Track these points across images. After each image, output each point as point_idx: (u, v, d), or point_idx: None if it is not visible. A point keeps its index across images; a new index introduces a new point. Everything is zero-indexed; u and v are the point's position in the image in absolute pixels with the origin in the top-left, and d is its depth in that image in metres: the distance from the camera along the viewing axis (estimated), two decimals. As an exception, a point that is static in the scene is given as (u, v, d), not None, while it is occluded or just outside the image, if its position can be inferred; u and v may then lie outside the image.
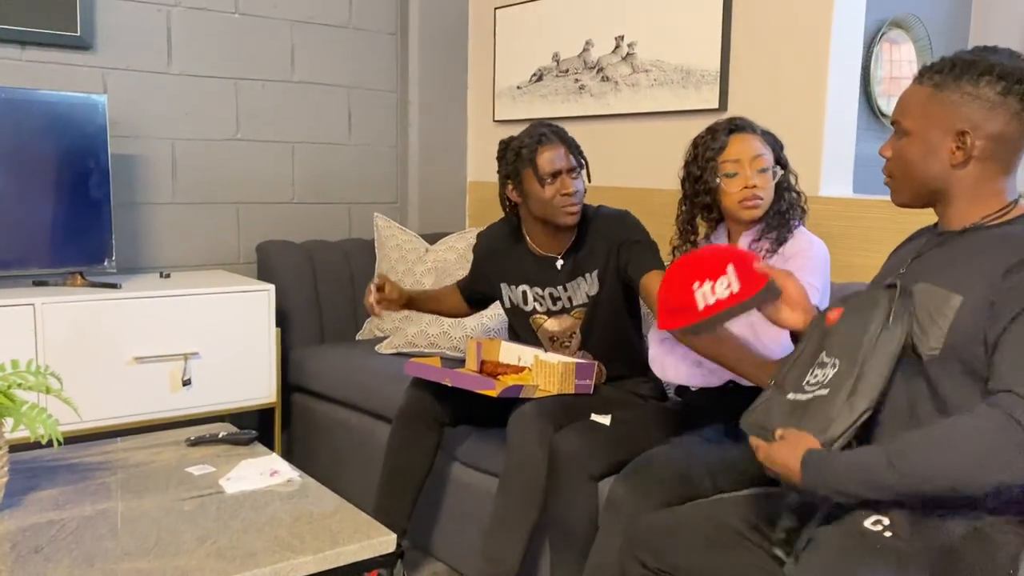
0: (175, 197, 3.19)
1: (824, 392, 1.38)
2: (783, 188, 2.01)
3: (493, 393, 2.04)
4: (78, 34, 2.90)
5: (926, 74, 1.40)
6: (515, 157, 2.20)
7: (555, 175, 2.16)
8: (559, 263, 2.29)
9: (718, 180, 1.98)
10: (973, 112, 1.34)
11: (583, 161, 2.24)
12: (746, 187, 1.95)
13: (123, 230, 3.05)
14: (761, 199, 1.97)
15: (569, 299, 2.29)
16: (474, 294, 2.51)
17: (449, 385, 2.12)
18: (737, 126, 2.01)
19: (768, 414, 1.43)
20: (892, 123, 1.46)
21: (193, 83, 3.18)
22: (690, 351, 1.92)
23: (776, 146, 2.04)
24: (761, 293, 1.49)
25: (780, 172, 2.01)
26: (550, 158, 2.16)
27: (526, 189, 2.21)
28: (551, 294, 2.31)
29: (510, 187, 2.26)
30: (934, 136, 1.37)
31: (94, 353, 2.61)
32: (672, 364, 2.08)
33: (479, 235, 2.50)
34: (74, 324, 2.57)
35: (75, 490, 1.77)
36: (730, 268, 1.50)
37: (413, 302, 2.44)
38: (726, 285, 1.48)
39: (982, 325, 1.27)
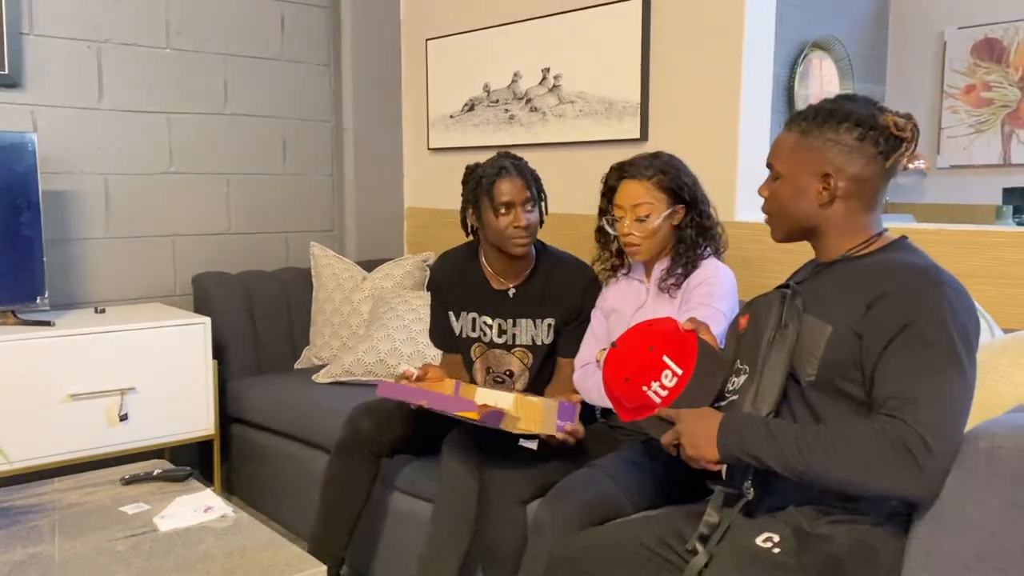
0: (109, 232, 3.20)
1: (735, 398, 1.51)
2: (685, 224, 2.11)
3: (475, 415, 1.94)
4: (5, 72, 2.91)
5: (794, 121, 1.54)
6: (475, 185, 2.29)
7: (509, 206, 2.24)
8: (511, 292, 2.37)
9: (604, 223, 2.11)
10: (835, 156, 1.47)
11: (541, 195, 2.33)
12: (623, 233, 2.09)
13: (57, 266, 3.05)
14: (637, 245, 2.08)
15: (514, 336, 2.37)
16: (448, 338, 2.46)
17: (425, 407, 2.00)
18: (626, 173, 2.12)
19: None
20: (767, 165, 1.57)
21: (125, 118, 3.20)
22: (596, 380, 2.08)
23: (676, 185, 2.09)
24: (699, 364, 1.57)
25: (667, 214, 2.08)
26: (506, 189, 2.24)
27: (483, 216, 2.29)
28: (500, 325, 2.38)
29: (470, 212, 2.34)
30: (802, 178, 1.51)
31: (28, 392, 2.61)
32: (595, 387, 2.17)
33: (432, 268, 2.53)
34: (7, 363, 2.57)
35: (7, 534, 1.79)
36: (666, 359, 1.58)
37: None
38: (670, 377, 1.57)
39: (851, 354, 1.39)
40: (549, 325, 2.34)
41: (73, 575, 1.61)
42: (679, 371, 1.56)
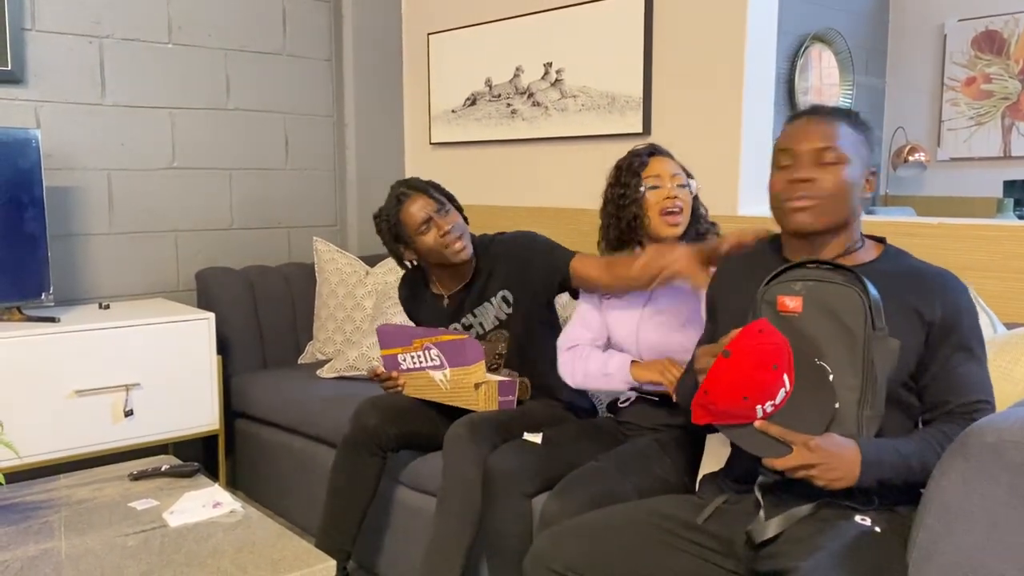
0: (112, 227, 3.20)
1: (837, 405, 1.47)
2: (698, 213, 2.13)
3: (460, 335, 2.16)
4: (8, 68, 2.91)
5: (835, 115, 1.59)
6: (388, 225, 2.35)
7: (426, 223, 2.29)
8: (464, 294, 2.41)
9: (642, 189, 2.08)
10: (870, 156, 1.59)
11: (449, 198, 2.38)
12: (667, 197, 2.08)
13: (61, 262, 3.06)
14: (681, 209, 2.09)
15: (481, 324, 2.40)
16: None
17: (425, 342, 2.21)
18: (656, 150, 2.16)
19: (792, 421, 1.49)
20: (822, 150, 1.54)
21: (128, 114, 3.20)
22: (596, 361, 2.15)
23: (685, 168, 2.17)
24: (801, 378, 1.48)
25: (696, 187, 2.14)
26: (414, 211, 2.30)
27: (413, 247, 2.34)
28: (464, 323, 2.41)
29: (400, 251, 2.39)
30: (858, 169, 1.56)
31: (34, 388, 2.62)
32: (580, 371, 2.17)
33: (399, 287, 2.61)
34: (12, 359, 2.58)
35: (18, 530, 1.80)
36: (785, 378, 1.47)
37: None
38: (782, 394, 1.47)
39: (910, 365, 1.50)
40: (504, 298, 2.37)
41: (85, 570, 1.62)
42: (789, 388, 1.48)
